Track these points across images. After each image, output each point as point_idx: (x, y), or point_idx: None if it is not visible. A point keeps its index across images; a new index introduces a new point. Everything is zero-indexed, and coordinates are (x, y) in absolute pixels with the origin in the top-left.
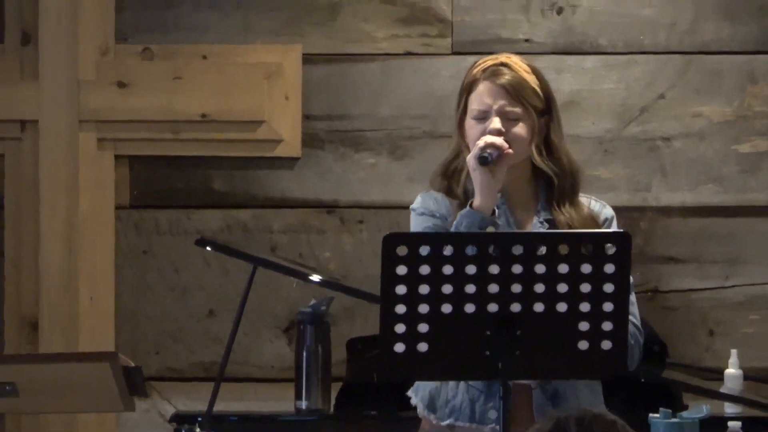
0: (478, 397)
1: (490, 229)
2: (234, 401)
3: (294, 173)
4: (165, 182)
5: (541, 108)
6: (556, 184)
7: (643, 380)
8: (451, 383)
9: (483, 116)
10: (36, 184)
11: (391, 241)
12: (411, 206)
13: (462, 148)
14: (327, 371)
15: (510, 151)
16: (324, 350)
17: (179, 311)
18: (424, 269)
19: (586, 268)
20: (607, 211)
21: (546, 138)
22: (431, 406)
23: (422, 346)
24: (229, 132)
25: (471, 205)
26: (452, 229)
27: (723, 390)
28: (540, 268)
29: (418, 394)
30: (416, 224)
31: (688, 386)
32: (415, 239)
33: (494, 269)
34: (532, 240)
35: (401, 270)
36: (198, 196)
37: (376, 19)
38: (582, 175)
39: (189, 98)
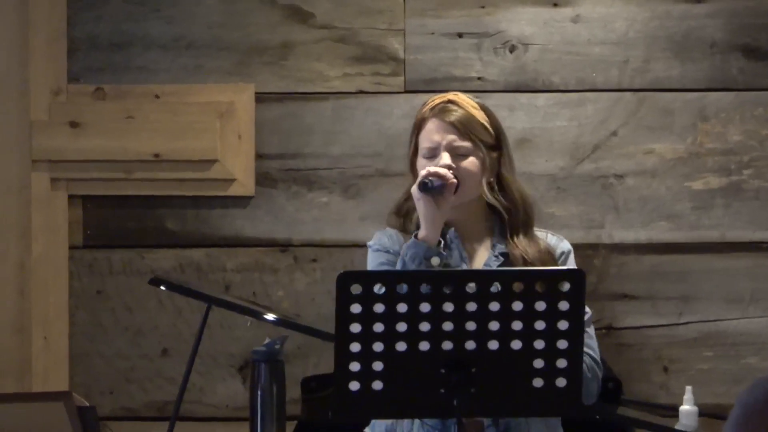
0: (433, 430)
1: (435, 260)
2: None
3: (247, 212)
4: (118, 222)
5: (490, 143)
6: (507, 218)
7: (597, 417)
8: (406, 421)
9: (433, 154)
10: None
11: (345, 279)
12: (368, 243)
13: None
14: (281, 410)
15: (454, 180)
16: (278, 389)
17: (133, 351)
18: (378, 307)
19: (540, 306)
20: (564, 245)
21: (497, 173)
22: None
23: (377, 385)
24: (181, 171)
25: (416, 236)
26: (399, 261)
27: (678, 427)
28: (494, 306)
29: (374, 430)
30: (372, 260)
31: (642, 423)
32: (368, 277)
33: (448, 307)
34: (485, 277)
35: (355, 308)
36: (151, 235)
37: (328, 58)
38: (535, 208)
39: (141, 138)
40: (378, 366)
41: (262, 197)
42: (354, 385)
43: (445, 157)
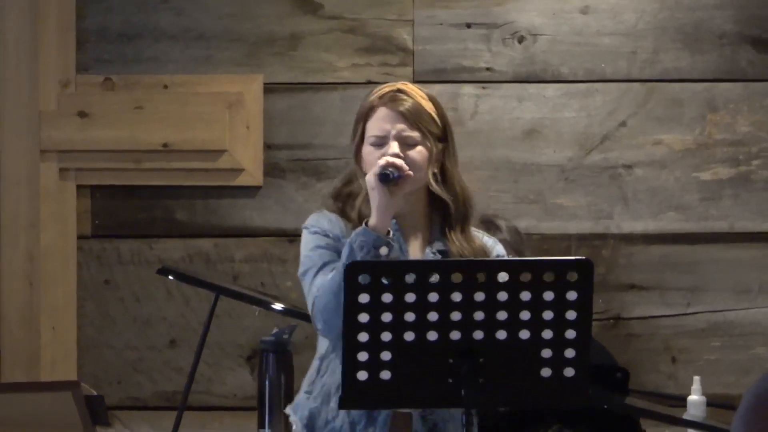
0: (359, 420)
1: (384, 250)
2: (197, 430)
3: (256, 202)
4: (127, 212)
5: (437, 134)
6: (451, 211)
7: (606, 407)
8: (332, 404)
9: (381, 142)
10: None
11: (354, 269)
12: (303, 224)
13: (357, 175)
14: (289, 400)
15: (410, 173)
16: (286, 379)
17: (141, 341)
18: (387, 297)
19: (548, 296)
20: (499, 249)
21: (441, 165)
22: (310, 426)
23: (385, 374)
24: (190, 161)
25: (366, 224)
26: (345, 247)
27: (686, 417)
28: (502, 296)
29: (297, 412)
30: (308, 241)
31: (651, 413)
32: (377, 267)
33: (457, 297)
34: (494, 267)
35: (364, 298)
36: (160, 225)
37: (337, 49)
38: (474, 204)
39: (150, 128)
40: (386, 356)
41: (270, 187)
42: (362, 375)
43: (394, 146)
